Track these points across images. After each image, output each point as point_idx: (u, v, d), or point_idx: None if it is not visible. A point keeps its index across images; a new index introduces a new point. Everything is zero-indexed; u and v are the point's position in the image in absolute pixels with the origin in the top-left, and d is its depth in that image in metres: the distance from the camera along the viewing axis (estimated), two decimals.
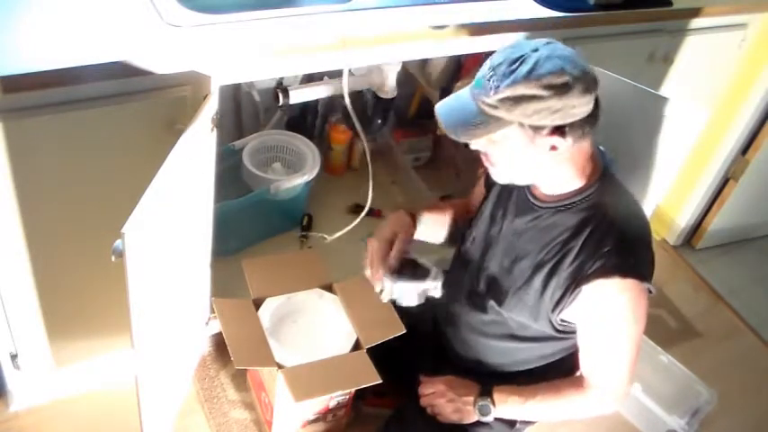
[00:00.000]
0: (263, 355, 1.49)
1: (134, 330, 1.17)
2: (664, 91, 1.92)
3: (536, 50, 1.17)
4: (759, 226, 2.67)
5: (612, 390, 1.38)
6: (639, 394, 1.89)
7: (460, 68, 2.12)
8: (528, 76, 1.14)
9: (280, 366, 1.48)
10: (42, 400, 1.66)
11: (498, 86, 1.16)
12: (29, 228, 1.33)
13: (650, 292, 1.29)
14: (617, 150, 1.65)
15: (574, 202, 1.30)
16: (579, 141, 1.22)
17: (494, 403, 1.43)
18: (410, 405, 1.56)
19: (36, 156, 1.25)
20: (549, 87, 1.14)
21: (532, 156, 1.23)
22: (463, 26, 1.54)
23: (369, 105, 2.12)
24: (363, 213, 1.98)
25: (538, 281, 1.35)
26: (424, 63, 2.18)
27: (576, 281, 1.29)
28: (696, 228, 2.56)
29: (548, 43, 1.20)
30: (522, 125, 1.19)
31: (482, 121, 1.20)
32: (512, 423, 1.53)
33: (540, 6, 1.63)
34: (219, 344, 1.85)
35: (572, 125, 1.19)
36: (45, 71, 1.15)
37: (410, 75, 2.21)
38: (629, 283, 1.26)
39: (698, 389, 1.92)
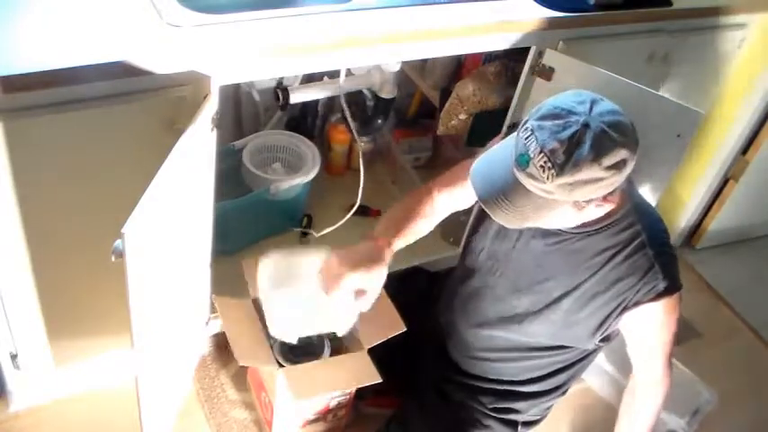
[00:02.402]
0: (263, 355, 1.49)
1: (134, 330, 1.17)
2: (664, 91, 1.92)
3: (587, 125, 1.09)
4: (759, 226, 2.67)
5: (659, 380, 1.43)
6: None
7: (460, 68, 2.12)
8: (590, 161, 1.08)
9: (280, 365, 1.48)
10: (42, 400, 1.66)
11: (557, 174, 1.09)
12: (29, 228, 1.33)
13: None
14: None
15: (604, 227, 1.28)
16: (623, 187, 1.20)
17: None
18: (410, 405, 1.56)
19: (36, 156, 1.25)
20: (610, 168, 1.10)
21: (574, 216, 1.21)
22: (463, 26, 1.54)
23: (368, 105, 2.12)
24: (352, 212, 1.99)
25: (567, 303, 1.34)
26: (424, 63, 2.18)
27: (622, 305, 1.30)
28: (696, 228, 2.56)
29: (591, 107, 1.12)
30: (576, 202, 1.15)
31: (532, 203, 1.14)
32: (514, 424, 1.54)
33: (540, 6, 1.63)
34: (219, 344, 1.85)
35: (621, 183, 1.16)
36: (45, 71, 1.15)
37: (410, 75, 2.21)
38: (673, 298, 1.29)
39: (698, 389, 1.92)
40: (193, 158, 1.32)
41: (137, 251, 1.08)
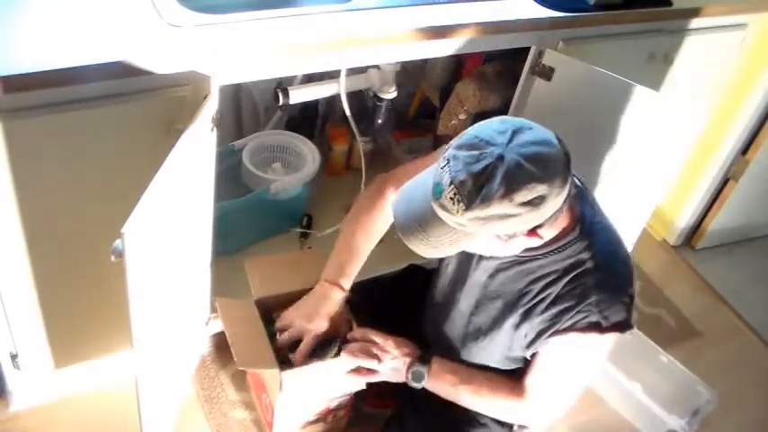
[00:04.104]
0: (265, 357, 1.48)
1: (134, 330, 1.17)
2: (664, 91, 1.92)
3: (501, 158, 1.04)
4: (759, 226, 2.67)
5: (548, 414, 1.37)
6: (639, 394, 1.89)
7: (460, 68, 2.12)
8: (499, 197, 1.04)
9: (282, 368, 1.47)
10: (42, 400, 1.66)
11: (466, 208, 1.05)
12: (29, 228, 1.33)
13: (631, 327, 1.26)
14: (617, 151, 1.65)
15: (552, 251, 1.24)
16: (558, 217, 1.14)
17: (429, 373, 1.39)
18: (408, 405, 1.56)
19: (36, 156, 1.25)
20: (524, 204, 1.05)
21: (507, 248, 1.18)
22: (463, 26, 1.54)
23: (369, 105, 2.12)
24: None
25: (509, 323, 1.32)
26: (424, 63, 2.18)
27: (553, 328, 1.25)
28: (696, 228, 2.56)
29: (510, 138, 1.07)
30: (497, 236, 1.12)
31: (447, 234, 1.11)
32: (509, 425, 1.53)
33: (540, 6, 1.63)
34: (219, 344, 1.85)
35: (549, 217, 1.10)
36: (45, 71, 1.15)
37: (410, 75, 2.21)
38: (605, 337, 1.23)
39: (698, 389, 1.92)
40: (193, 158, 1.32)
41: (137, 251, 1.08)
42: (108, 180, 1.34)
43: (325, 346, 1.50)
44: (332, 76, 1.95)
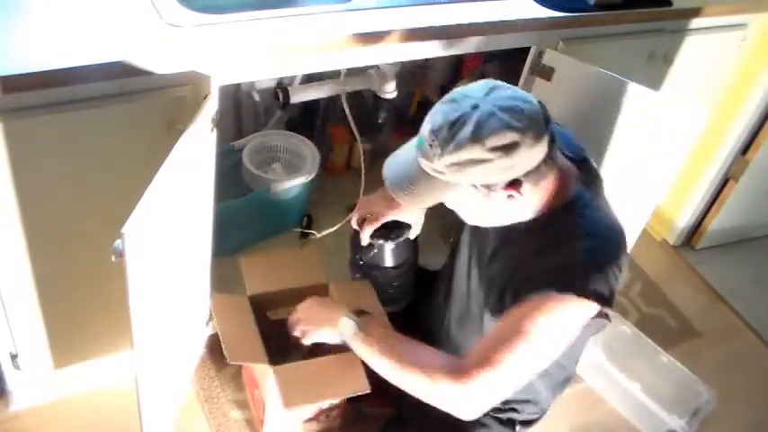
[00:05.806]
0: (256, 352, 1.48)
1: (134, 330, 1.17)
2: (664, 91, 1.92)
3: (476, 107, 1.11)
4: (759, 226, 2.67)
5: (486, 394, 1.21)
6: (639, 394, 1.89)
7: (460, 68, 2.12)
8: (471, 140, 1.09)
9: (272, 364, 1.47)
10: (42, 400, 1.66)
11: (441, 153, 1.12)
12: (29, 228, 1.33)
13: (606, 316, 1.19)
14: (617, 150, 1.65)
15: (538, 225, 1.22)
16: (540, 181, 1.16)
17: (359, 328, 1.35)
18: (409, 405, 1.56)
19: (36, 156, 1.25)
20: (495, 149, 1.09)
21: (491, 206, 1.19)
22: (463, 26, 1.54)
23: (369, 105, 2.12)
24: (353, 212, 1.99)
25: (492, 297, 1.30)
26: (424, 63, 2.18)
27: (530, 285, 1.18)
28: (696, 228, 2.56)
29: (488, 92, 1.13)
30: (474, 186, 1.15)
31: (429, 184, 1.17)
32: (512, 424, 1.53)
33: (540, 6, 1.63)
34: (219, 344, 1.85)
35: (527, 173, 1.13)
36: (45, 71, 1.16)
37: (410, 75, 2.21)
38: (578, 304, 1.15)
39: (698, 389, 1.92)
40: (193, 158, 1.32)
41: (137, 251, 1.08)
42: (108, 180, 1.34)
43: (395, 230, 1.56)
44: (332, 76, 1.95)
